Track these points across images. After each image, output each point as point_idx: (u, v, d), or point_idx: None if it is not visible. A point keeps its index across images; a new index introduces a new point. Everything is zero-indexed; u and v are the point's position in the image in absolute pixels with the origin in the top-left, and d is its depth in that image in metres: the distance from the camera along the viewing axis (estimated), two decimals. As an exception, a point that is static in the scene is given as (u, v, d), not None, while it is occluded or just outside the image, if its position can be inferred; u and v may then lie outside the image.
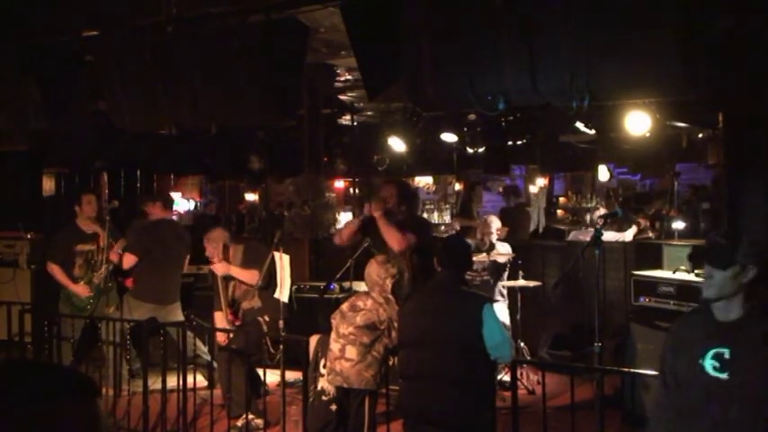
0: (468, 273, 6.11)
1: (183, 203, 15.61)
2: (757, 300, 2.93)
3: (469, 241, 5.95)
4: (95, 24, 6.33)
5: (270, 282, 6.07)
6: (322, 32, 7.35)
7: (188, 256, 7.38)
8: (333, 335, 4.97)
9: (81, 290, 7.08)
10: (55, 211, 10.03)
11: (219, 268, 6.13)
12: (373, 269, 4.99)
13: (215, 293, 6.36)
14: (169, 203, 7.48)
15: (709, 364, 2.92)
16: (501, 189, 15.48)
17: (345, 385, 4.84)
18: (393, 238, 5.38)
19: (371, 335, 4.83)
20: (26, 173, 9.73)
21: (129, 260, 6.95)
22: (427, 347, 4.30)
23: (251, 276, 6.08)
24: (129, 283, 7.20)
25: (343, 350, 4.84)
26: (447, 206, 14.80)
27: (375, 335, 4.84)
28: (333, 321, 5.03)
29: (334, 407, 5.07)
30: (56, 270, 7.09)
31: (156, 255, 7.00)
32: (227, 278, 6.21)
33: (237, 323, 6.17)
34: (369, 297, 4.94)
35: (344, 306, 5.02)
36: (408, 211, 5.94)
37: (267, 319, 6.09)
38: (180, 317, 7.11)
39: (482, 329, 4.16)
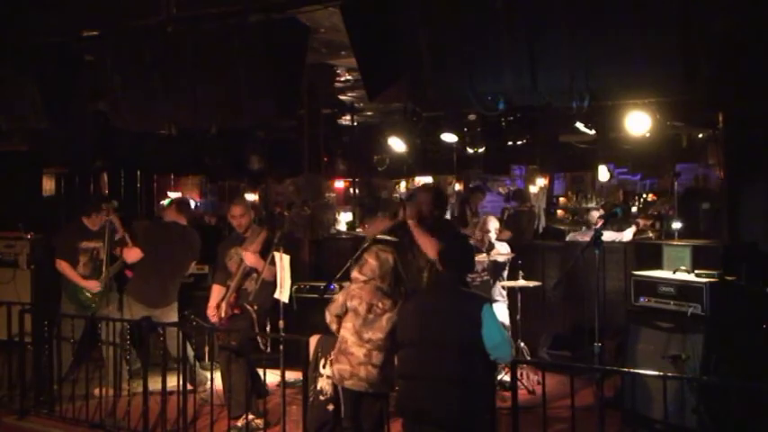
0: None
1: (182, 203, 15.58)
2: None
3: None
4: (95, 24, 6.33)
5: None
6: (322, 32, 7.36)
7: (192, 263, 7.37)
8: (352, 338, 4.70)
9: (92, 285, 7.06)
10: (55, 211, 10.04)
11: (251, 258, 6.07)
12: (387, 256, 4.82)
13: (221, 270, 6.30)
14: (183, 207, 7.47)
15: None
16: (501, 189, 15.50)
17: (371, 390, 4.67)
18: (428, 246, 5.33)
19: (394, 338, 4.68)
20: (26, 173, 9.74)
21: (135, 254, 6.99)
22: (427, 347, 4.29)
23: (270, 272, 6.06)
24: (129, 273, 7.22)
25: (369, 355, 4.64)
26: (447, 206, 14.80)
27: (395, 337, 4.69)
28: (344, 323, 4.80)
29: (331, 407, 5.04)
30: (65, 266, 7.06)
31: (157, 255, 6.99)
32: (250, 271, 6.16)
33: (236, 311, 6.12)
34: (384, 295, 4.71)
35: (357, 305, 4.73)
36: (440, 216, 5.85)
37: (256, 307, 6.08)
38: (175, 319, 7.08)
39: (481, 330, 4.16)
